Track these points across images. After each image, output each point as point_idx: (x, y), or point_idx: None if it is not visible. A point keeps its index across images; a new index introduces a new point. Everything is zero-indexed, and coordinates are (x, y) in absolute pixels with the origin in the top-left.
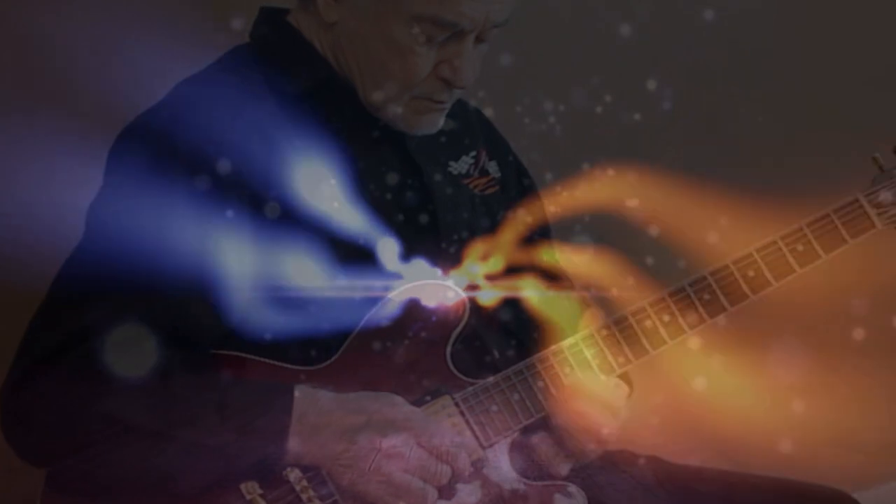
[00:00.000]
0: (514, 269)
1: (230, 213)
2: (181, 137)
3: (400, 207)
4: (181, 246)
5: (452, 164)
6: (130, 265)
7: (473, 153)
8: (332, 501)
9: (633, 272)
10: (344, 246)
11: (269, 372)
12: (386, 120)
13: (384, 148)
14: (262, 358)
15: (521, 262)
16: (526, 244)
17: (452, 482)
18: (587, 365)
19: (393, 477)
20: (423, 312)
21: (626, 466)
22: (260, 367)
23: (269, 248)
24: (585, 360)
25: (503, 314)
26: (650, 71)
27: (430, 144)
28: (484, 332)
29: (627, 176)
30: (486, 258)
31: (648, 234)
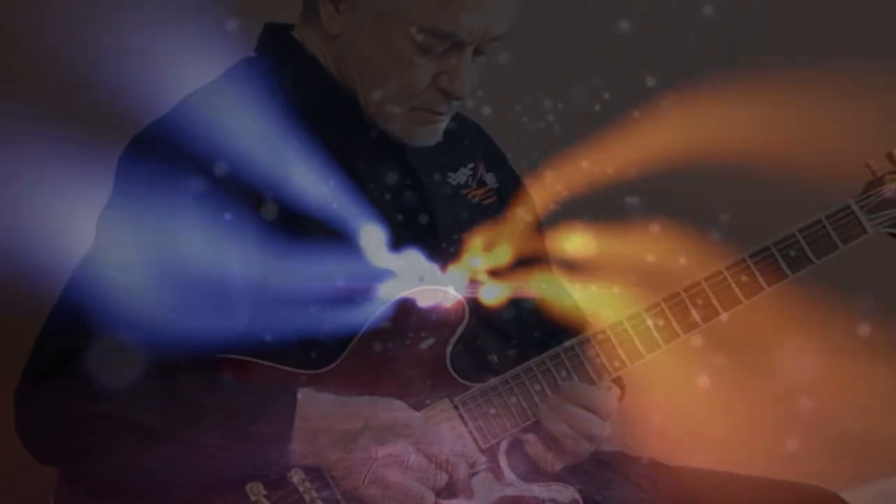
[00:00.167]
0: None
1: (237, 220)
2: (189, 147)
3: (399, 208)
4: (189, 253)
5: (451, 174)
6: (139, 273)
7: (471, 165)
8: (334, 503)
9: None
10: (345, 248)
11: (271, 375)
12: (386, 130)
13: (385, 157)
14: (264, 361)
15: (520, 257)
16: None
17: (450, 486)
18: (583, 368)
19: (391, 484)
20: (422, 316)
21: (620, 468)
22: (262, 369)
23: (273, 253)
24: (581, 363)
25: (503, 316)
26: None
27: (429, 155)
28: (484, 334)
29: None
30: (486, 251)
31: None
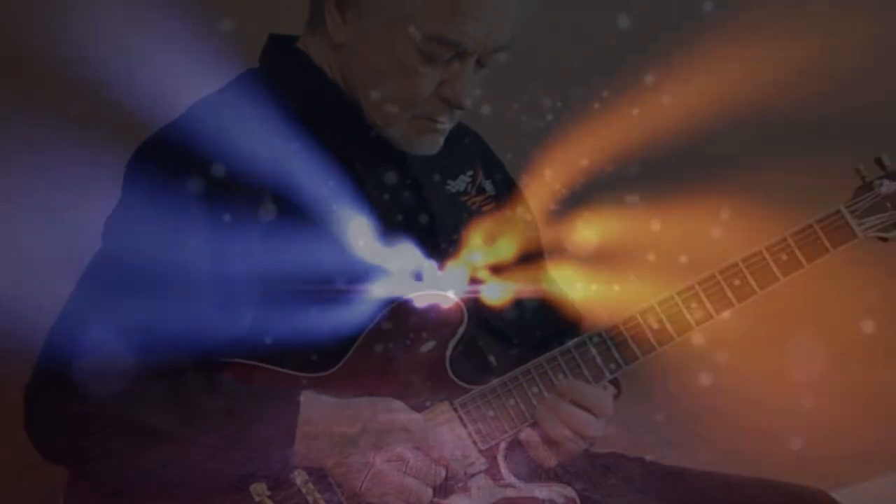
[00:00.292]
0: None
1: (241, 224)
2: (194, 154)
3: (399, 209)
4: (194, 257)
5: (451, 182)
6: (145, 276)
7: (471, 172)
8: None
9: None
10: (345, 249)
11: (272, 378)
12: (388, 138)
13: (386, 162)
14: (267, 364)
15: (517, 258)
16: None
17: (449, 488)
18: (579, 371)
19: (389, 488)
20: (422, 319)
21: (616, 468)
22: (264, 372)
23: (276, 255)
24: (578, 366)
25: (502, 318)
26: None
27: (429, 162)
28: (483, 336)
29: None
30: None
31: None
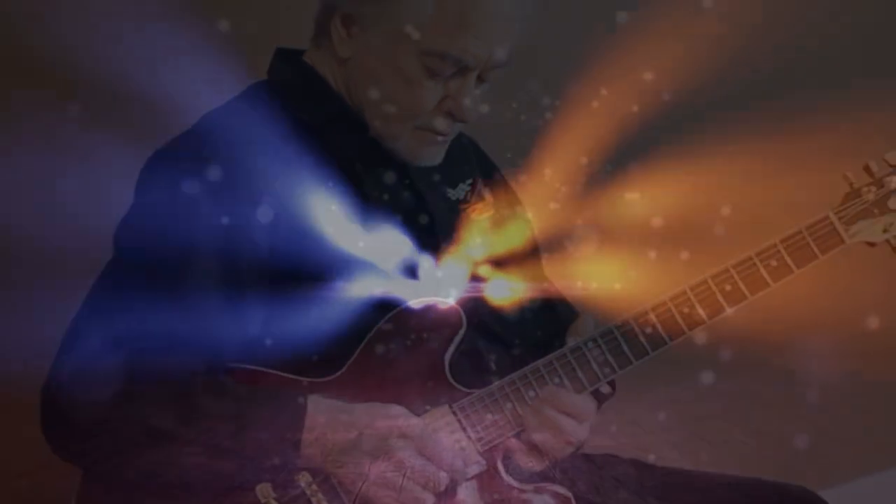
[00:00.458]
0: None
1: (250, 229)
2: (206, 162)
3: (400, 216)
4: (206, 262)
5: (450, 190)
6: (158, 280)
7: (469, 181)
8: None
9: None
10: (346, 251)
11: (275, 382)
12: (392, 150)
13: (387, 169)
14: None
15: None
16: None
17: (449, 490)
18: (574, 375)
19: (391, 493)
20: (421, 324)
21: (609, 469)
22: (268, 376)
23: (282, 259)
24: (573, 369)
25: (501, 321)
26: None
27: (430, 173)
28: (482, 340)
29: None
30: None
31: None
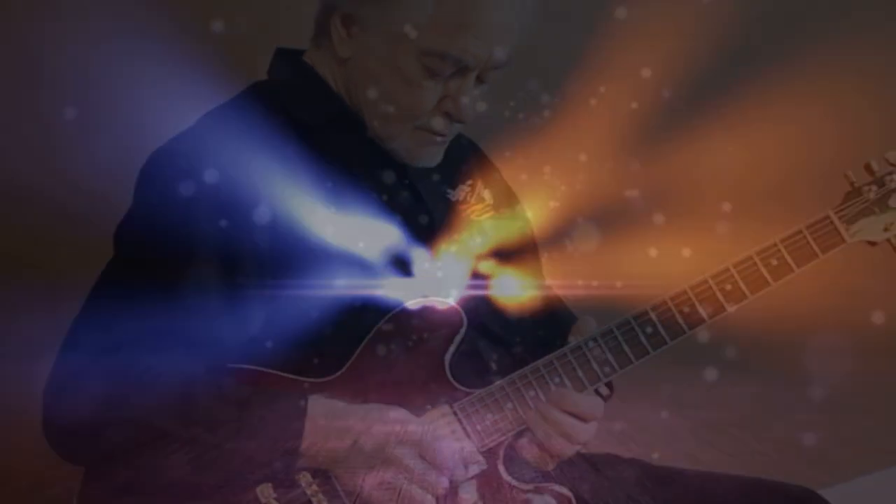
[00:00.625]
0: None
1: (249, 229)
2: (205, 162)
3: (399, 216)
4: (205, 264)
5: (450, 191)
6: (158, 282)
7: (469, 182)
8: None
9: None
10: (346, 250)
11: (276, 382)
12: (391, 150)
13: (386, 169)
14: (271, 368)
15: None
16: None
17: (449, 490)
18: (574, 374)
19: (392, 495)
20: (421, 324)
21: (609, 470)
22: (269, 377)
23: (281, 258)
24: (573, 369)
25: (501, 321)
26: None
27: (430, 174)
28: (482, 340)
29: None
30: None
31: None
